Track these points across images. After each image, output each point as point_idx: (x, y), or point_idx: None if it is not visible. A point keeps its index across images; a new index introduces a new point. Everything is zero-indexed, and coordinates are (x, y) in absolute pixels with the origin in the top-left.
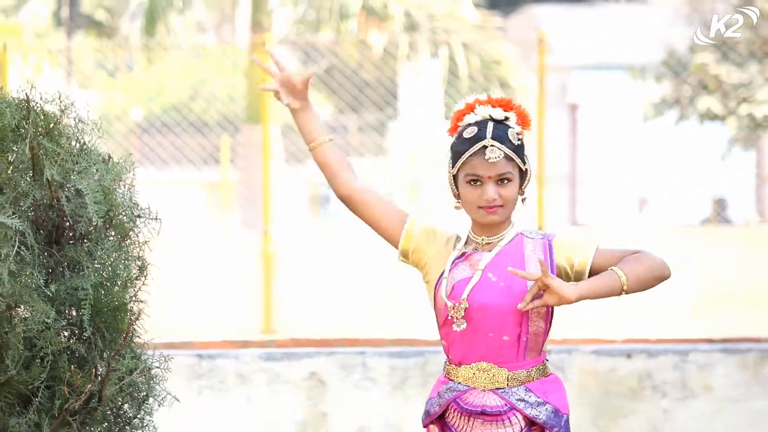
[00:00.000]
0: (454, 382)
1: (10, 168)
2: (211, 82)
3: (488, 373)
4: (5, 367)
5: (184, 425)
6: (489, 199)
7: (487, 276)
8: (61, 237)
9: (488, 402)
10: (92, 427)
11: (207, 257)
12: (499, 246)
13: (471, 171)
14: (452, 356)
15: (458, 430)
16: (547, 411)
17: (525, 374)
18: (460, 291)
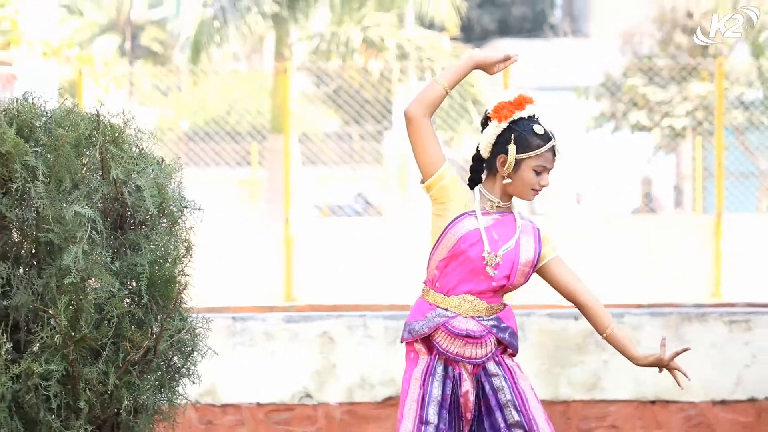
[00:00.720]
0: (442, 308)
1: (84, 168)
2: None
3: (472, 303)
4: (80, 326)
5: (221, 374)
6: (546, 185)
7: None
8: (124, 224)
9: (471, 327)
10: (148, 375)
11: (239, 240)
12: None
13: (541, 162)
14: (441, 285)
15: (441, 347)
16: (509, 332)
17: (497, 307)
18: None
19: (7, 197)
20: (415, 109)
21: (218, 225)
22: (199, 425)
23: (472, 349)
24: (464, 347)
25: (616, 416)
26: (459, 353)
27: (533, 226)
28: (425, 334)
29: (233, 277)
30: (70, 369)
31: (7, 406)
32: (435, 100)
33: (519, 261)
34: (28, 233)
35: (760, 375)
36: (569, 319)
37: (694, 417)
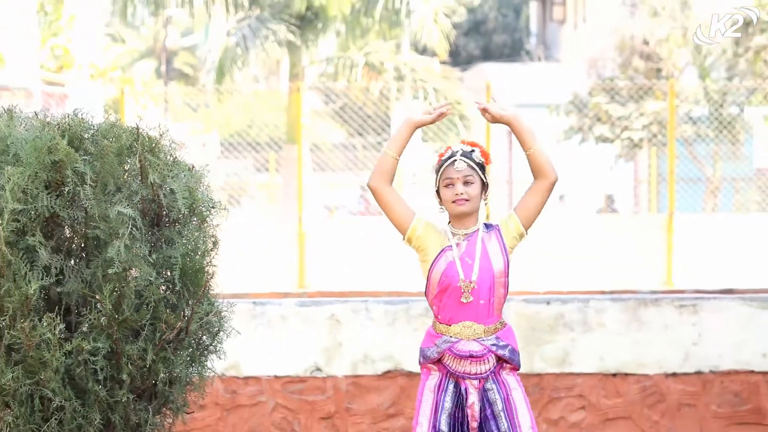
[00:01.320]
0: (446, 335)
1: (126, 174)
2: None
3: (470, 328)
4: (122, 310)
5: (243, 351)
6: (458, 193)
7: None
8: (160, 221)
9: (473, 348)
10: (181, 351)
11: (259, 235)
12: (477, 239)
13: (446, 176)
14: (442, 317)
15: (450, 367)
16: (509, 350)
17: (493, 327)
18: (467, 274)
19: (60, 199)
20: (376, 182)
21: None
22: (225, 395)
23: (476, 366)
24: (469, 365)
25: (582, 387)
26: (465, 371)
27: (495, 229)
28: (435, 358)
29: (254, 267)
30: (114, 346)
31: (61, 378)
32: (390, 169)
33: (494, 274)
34: (78, 230)
35: (705, 352)
36: (542, 304)
37: (649, 387)
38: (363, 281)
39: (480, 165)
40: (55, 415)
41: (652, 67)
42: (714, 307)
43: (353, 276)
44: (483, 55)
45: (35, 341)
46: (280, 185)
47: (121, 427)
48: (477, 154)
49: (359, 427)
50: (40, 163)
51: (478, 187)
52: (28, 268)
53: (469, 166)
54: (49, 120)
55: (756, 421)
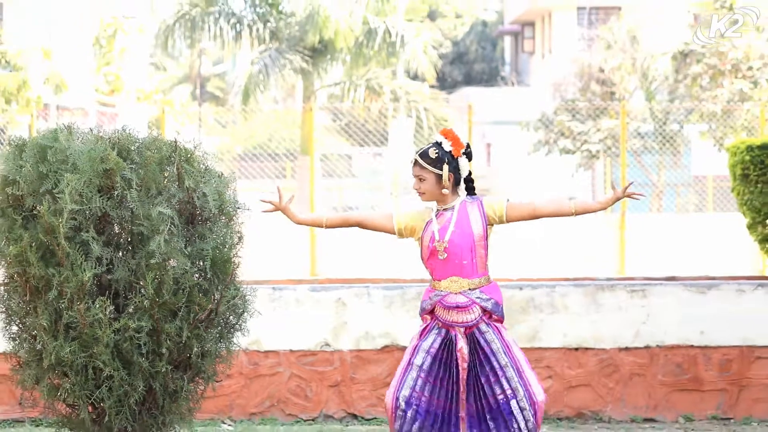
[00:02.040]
0: (437, 290)
1: (165, 180)
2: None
3: (456, 282)
4: (162, 294)
5: (264, 329)
6: (415, 188)
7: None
8: (194, 220)
9: (459, 300)
10: (211, 329)
11: (277, 232)
12: (455, 209)
13: (412, 174)
14: (434, 275)
15: (440, 317)
16: (492, 303)
17: (477, 282)
18: (441, 236)
19: (111, 201)
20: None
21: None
22: (248, 366)
23: (462, 315)
24: (456, 315)
25: (549, 359)
26: (453, 320)
27: (479, 201)
28: (429, 309)
29: (273, 258)
30: (155, 325)
31: (110, 352)
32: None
33: (474, 237)
34: (125, 227)
35: (652, 329)
36: (515, 289)
37: (605, 359)
38: (365, 270)
39: (434, 159)
40: (105, 383)
41: (607, 90)
42: (660, 291)
43: (357, 265)
44: (465, 80)
45: (89, 320)
46: (296, 189)
47: (161, 393)
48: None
49: (361, 393)
50: (94, 171)
51: (431, 180)
52: (84, 258)
53: (420, 166)
54: (101, 135)
55: (695, 387)
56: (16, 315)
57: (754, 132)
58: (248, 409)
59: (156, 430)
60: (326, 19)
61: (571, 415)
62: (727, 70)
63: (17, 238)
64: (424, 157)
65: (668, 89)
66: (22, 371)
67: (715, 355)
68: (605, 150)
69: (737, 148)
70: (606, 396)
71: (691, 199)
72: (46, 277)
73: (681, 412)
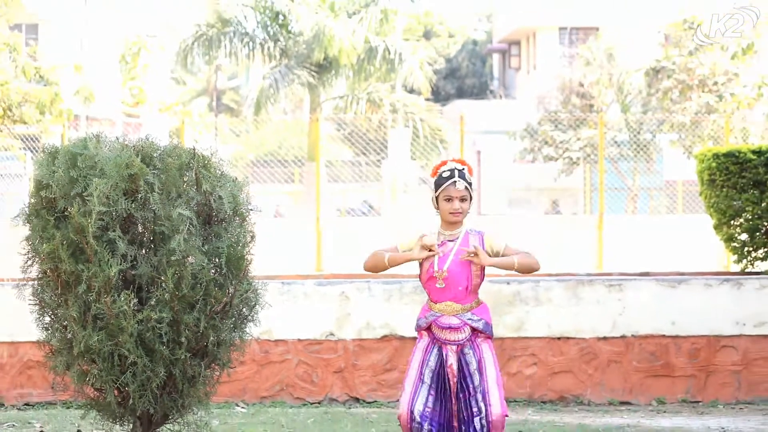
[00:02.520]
0: (433, 311)
1: (185, 184)
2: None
3: (451, 306)
4: (182, 288)
5: (274, 321)
6: (456, 209)
7: (453, 258)
8: (211, 220)
9: (452, 322)
10: (226, 320)
11: (287, 231)
12: (458, 240)
13: (447, 193)
14: (431, 297)
15: (436, 335)
16: (482, 323)
17: (469, 306)
18: (441, 264)
19: (135, 203)
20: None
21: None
22: (260, 353)
23: (454, 335)
24: (449, 334)
25: (534, 348)
26: (446, 338)
27: (480, 235)
28: (425, 327)
29: (282, 255)
30: (175, 316)
31: (134, 341)
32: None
33: (472, 268)
34: (148, 226)
35: (627, 321)
36: (503, 284)
37: (585, 348)
38: None
39: (470, 183)
40: (130, 369)
41: (586, 103)
42: (635, 286)
43: (359, 262)
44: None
45: (115, 312)
46: (303, 192)
47: (180, 378)
48: (467, 173)
49: (363, 378)
50: (120, 176)
51: (468, 203)
52: (110, 255)
53: (465, 187)
54: (127, 143)
55: (666, 373)
56: (48, 307)
57: (720, 141)
58: (260, 393)
59: (176, 412)
60: (331, 38)
61: (554, 399)
62: (695, 84)
63: (50, 237)
64: (463, 178)
65: (642, 102)
66: (54, 358)
67: (685, 344)
68: (585, 157)
69: (704, 156)
70: (586, 381)
71: (663, 201)
72: (76, 273)
73: (654, 396)
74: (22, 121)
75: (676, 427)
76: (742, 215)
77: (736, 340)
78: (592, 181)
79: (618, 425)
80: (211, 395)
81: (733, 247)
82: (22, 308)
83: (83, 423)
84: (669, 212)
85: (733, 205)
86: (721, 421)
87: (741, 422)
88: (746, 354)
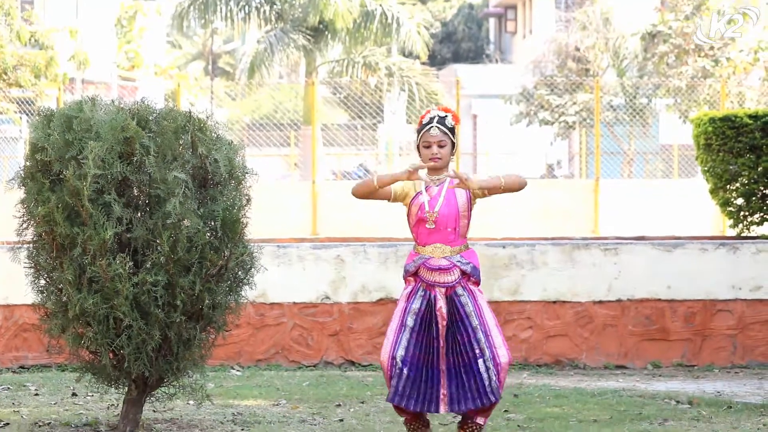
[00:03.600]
0: (421, 255)
1: (180, 147)
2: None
3: (440, 248)
4: (177, 251)
5: (269, 283)
6: (434, 153)
7: (443, 200)
8: (206, 183)
9: (442, 263)
10: (222, 283)
11: (282, 194)
12: (445, 183)
13: (425, 140)
14: (419, 241)
15: (424, 278)
16: (471, 266)
17: (458, 248)
18: (432, 206)
19: (130, 166)
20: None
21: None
22: (255, 316)
23: (444, 276)
24: (438, 276)
25: (530, 311)
26: (435, 280)
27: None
28: (413, 272)
29: (278, 219)
30: (170, 279)
31: (130, 304)
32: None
33: (459, 209)
34: (143, 190)
35: (623, 285)
36: (499, 248)
37: (581, 311)
38: (361, 230)
39: (451, 129)
40: (125, 332)
41: (582, 67)
42: (630, 250)
43: (354, 226)
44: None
45: (110, 275)
46: (299, 156)
47: (176, 341)
48: (449, 120)
49: (358, 342)
50: (115, 139)
51: (448, 148)
52: (105, 219)
53: (442, 132)
54: (122, 106)
55: (662, 337)
56: (44, 270)
57: (716, 105)
58: (255, 356)
59: (171, 375)
60: (327, 1)
61: (550, 362)
62: (691, 49)
63: (45, 200)
64: (443, 124)
65: (638, 66)
66: (49, 321)
67: (681, 308)
68: (581, 121)
69: (701, 120)
70: (581, 345)
71: (658, 165)
72: (71, 236)
73: (649, 360)
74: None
75: (672, 391)
76: (738, 180)
77: (731, 305)
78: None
79: (613, 389)
80: (206, 358)
81: (729, 212)
82: (17, 271)
83: (78, 386)
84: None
85: (729, 169)
86: (717, 385)
87: (736, 386)
88: (742, 318)
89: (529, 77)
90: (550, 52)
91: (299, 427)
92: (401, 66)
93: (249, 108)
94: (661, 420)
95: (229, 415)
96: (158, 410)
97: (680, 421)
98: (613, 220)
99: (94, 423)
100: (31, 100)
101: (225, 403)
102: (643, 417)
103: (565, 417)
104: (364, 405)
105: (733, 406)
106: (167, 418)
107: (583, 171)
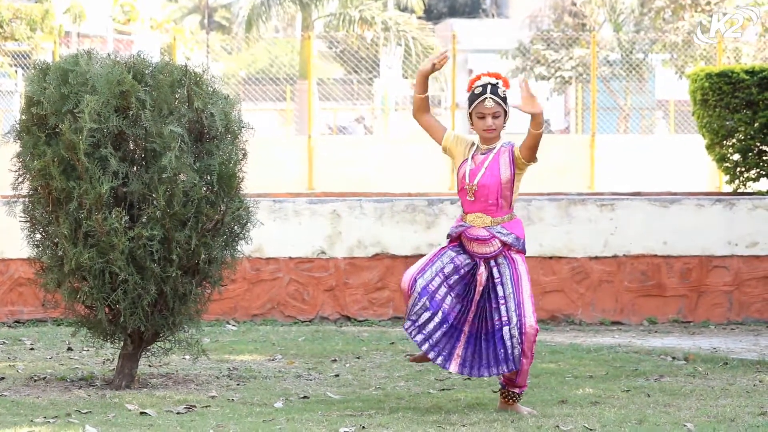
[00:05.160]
0: (464, 222)
1: (176, 101)
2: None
3: (481, 218)
4: (173, 205)
5: (266, 238)
6: (489, 125)
7: (485, 171)
8: (202, 138)
9: (480, 234)
10: (218, 238)
11: (278, 148)
12: (492, 153)
13: (479, 111)
14: (464, 208)
15: (465, 246)
16: (513, 237)
17: (500, 219)
18: (472, 177)
19: (126, 120)
20: (415, 116)
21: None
22: (251, 271)
23: (483, 247)
24: (477, 246)
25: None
26: (474, 251)
27: (510, 147)
28: (455, 237)
29: (274, 173)
30: (166, 234)
31: (125, 258)
32: (420, 105)
33: (501, 180)
34: (139, 144)
35: (619, 240)
36: None
37: (577, 267)
38: (357, 184)
39: (503, 98)
40: (121, 286)
41: (579, 22)
42: (626, 205)
43: (350, 180)
44: (450, 12)
45: (106, 229)
46: (295, 110)
47: (171, 296)
48: (501, 88)
49: (354, 297)
50: (111, 93)
51: (501, 119)
52: (101, 173)
53: (497, 103)
54: (118, 60)
55: (658, 293)
56: (39, 224)
57: (712, 61)
58: (251, 311)
59: (166, 330)
60: None
61: (546, 318)
62: (688, 4)
63: (41, 153)
64: (496, 94)
65: (634, 21)
66: (44, 275)
67: (677, 264)
68: (577, 76)
69: (697, 76)
70: (577, 301)
71: (654, 121)
72: (67, 190)
73: (645, 316)
74: (13, 38)
75: (668, 347)
76: (734, 135)
77: (727, 261)
78: (584, 101)
79: (609, 345)
80: (201, 313)
81: (725, 168)
82: (12, 225)
83: (74, 340)
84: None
85: (725, 125)
86: (713, 342)
87: (732, 343)
88: (738, 274)
89: (526, 32)
90: (547, 7)
91: (295, 382)
92: (397, 20)
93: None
94: (656, 376)
95: (225, 370)
96: (154, 365)
97: (676, 377)
98: (610, 176)
99: (90, 377)
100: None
101: (220, 358)
102: (638, 373)
103: (560, 373)
104: (359, 360)
105: (728, 362)
106: (163, 372)
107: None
